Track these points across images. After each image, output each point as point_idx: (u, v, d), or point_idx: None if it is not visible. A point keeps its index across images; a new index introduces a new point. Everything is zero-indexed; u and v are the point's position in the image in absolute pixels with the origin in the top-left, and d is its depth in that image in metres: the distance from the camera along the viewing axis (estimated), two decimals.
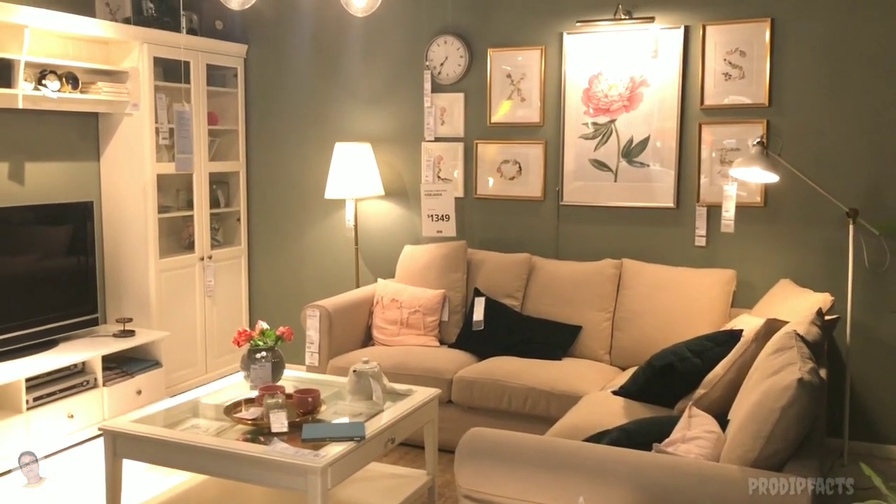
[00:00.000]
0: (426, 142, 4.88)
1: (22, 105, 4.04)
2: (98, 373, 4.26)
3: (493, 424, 3.86)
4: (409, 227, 5.00)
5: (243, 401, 3.20)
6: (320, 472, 2.59)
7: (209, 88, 5.08)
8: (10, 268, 4.19)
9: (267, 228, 5.45)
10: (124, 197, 4.76)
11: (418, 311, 4.44)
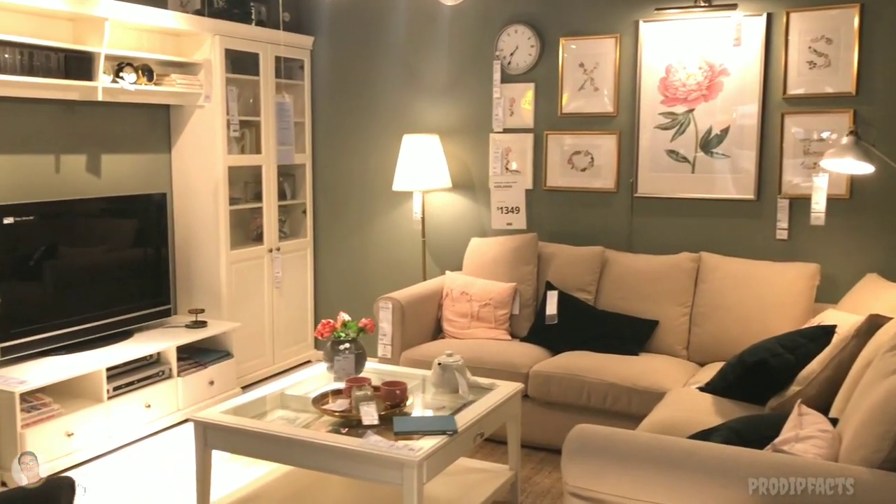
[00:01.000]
0: (494, 133, 4.82)
1: (101, 97, 4.08)
2: (173, 363, 4.30)
3: (570, 420, 3.80)
4: (476, 219, 4.96)
5: (330, 392, 3.19)
6: (416, 466, 2.57)
7: (276, 81, 5.09)
8: (87, 259, 4.24)
9: (332, 221, 5.45)
10: (195, 189, 4.79)
11: (489, 304, 4.40)
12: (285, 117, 3.24)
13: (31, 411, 3.63)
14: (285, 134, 3.18)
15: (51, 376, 3.68)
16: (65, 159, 4.22)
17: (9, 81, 3.69)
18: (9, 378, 3.60)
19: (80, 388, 3.90)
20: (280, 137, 3.16)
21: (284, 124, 3.21)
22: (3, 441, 3.54)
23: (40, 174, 4.10)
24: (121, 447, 3.98)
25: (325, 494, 3.16)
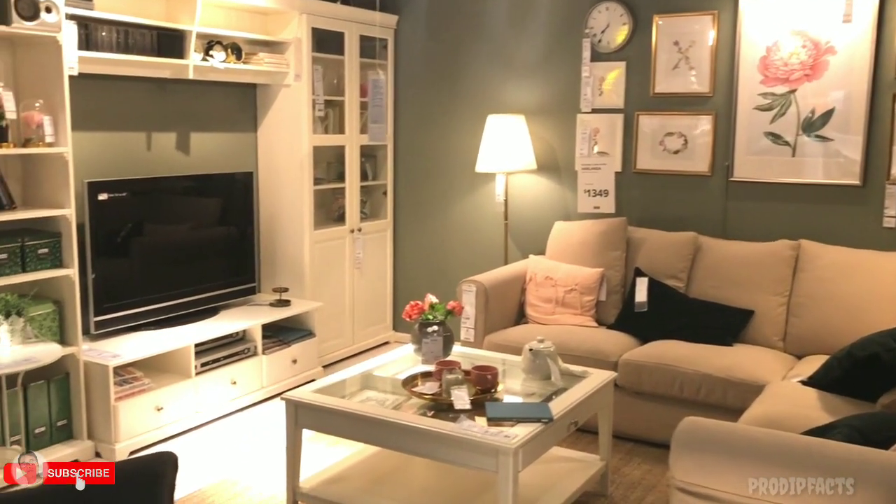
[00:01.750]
0: (582, 113, 4.69)
1: (192, 75, 4.10)
2: (258, 341, 4.33)
3: (662, 411, 3.71)
4: (561, 202, 4.84)
5: (419, 374, 3.15)
6: (512, 453, 2.50)
7: (360, 60, 5.05)
8: (176, 236, 4.29)
9: (412, 202, 5.41)
10: (280, 168, 4.80)
11: (575, 289, 4.29)
12: (379, 94, 3.19)
13: (123, 385, 3.70)
14: (378, 112, 3.12)
15: (142, 351, 3.74)
16: (156, 137, 4.27)
17: (107, 59, 3.73)
18: (102, 352, 3.67)
19: (168, 363, 3.96)
20: (373, 115, 3.10)
21: (378, 101, 3.15)
22: (98, 413, 3.61)
23: (133, 151, 4.16)
24: (208, 423, 4.03)
25: (411, 477, 3.13)
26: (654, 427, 3.73)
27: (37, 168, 3.55)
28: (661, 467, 3.55)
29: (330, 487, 3.00)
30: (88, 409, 3.62)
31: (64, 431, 3.61)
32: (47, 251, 3.48)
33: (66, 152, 3.46)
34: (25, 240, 3.39)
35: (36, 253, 3.43)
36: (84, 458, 3.58)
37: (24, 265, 3.39)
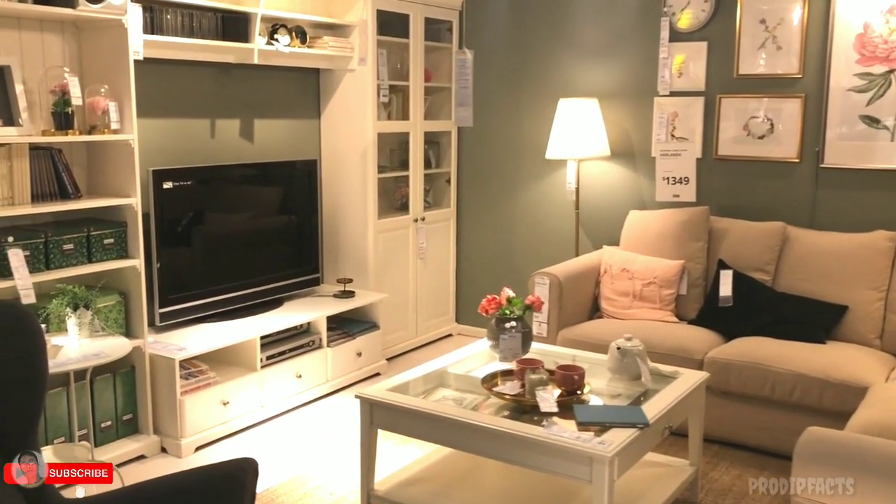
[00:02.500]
0: (659, 97, 4.45)
1: (257, 60, 3.98)
2: (323, 333, 4.21)
3: (751, 412, 3.49)
4: (635, 190, 4.61)
5: (499, 373, 2.98)
6: (608, 462, 2.32)
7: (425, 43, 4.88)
8: (240, 226, 4.19)
9: (477, 190, 5.23)
10: (344, 156, 4.67)
11: (653, 282, 4.07)
12: (465, 76, 3.01)
13: (189, 378, 3.61)
14: (465, 94, 2.95)
15: (208, 344, 3.64)
16: (219, 124, 4.17)
17: (171, 43, 3.63)
18: (168, 344, 3.59)
19: (233, 356, 3.86)
20: (459, 98, 2.92)
21: (464, 83, 2.98)
22: (164, 408, 3.53)
23: (196, 139, 4.06)
24: (273, 417, 3.93)
25: (488, 480, 2.97)
26: (743, 429, 3.51)
27: (101, 155, 3.47)
28: (751, 472, 3.33)
29: (405, 490, 2.85)
30: (154, 404, 3.54)
31: (130, 426, 3.53)
32: (113, 241, 3.39)
33: (132, 139, 3.36)
34: (91, 229, 3.31)
35: (102, 243, 3.35)
36: (150, 453, 3.50)
37: (89, 256, 3.31)
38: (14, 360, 1.91)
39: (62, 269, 3.20)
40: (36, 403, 1.94)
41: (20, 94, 3.16)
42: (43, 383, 1.95)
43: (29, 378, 1.93)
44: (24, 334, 1.91)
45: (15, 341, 1.91)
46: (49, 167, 3.25)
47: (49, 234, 3.16)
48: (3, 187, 3.09)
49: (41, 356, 1.94)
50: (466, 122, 3.47)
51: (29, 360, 1.92)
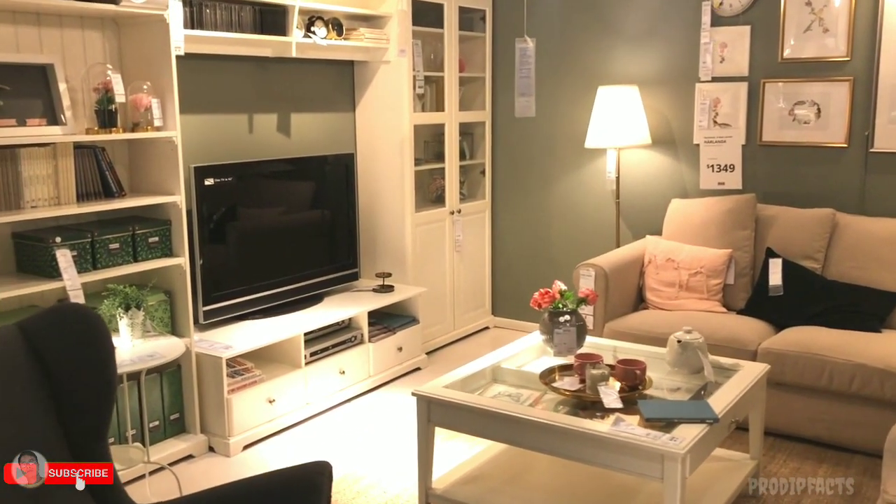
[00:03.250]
0: (701, 83, 4.37)
1: (295, 53, 3.93)
2: (364, 328, 4.17)
3: (807, 403, 3.42)
4: (677, 178, 4.53)
5: (557, 368, 2.93)
6: (680, 459, 2.26)
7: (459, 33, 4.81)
8: (279, 221, 4.15)
9: (512, 181, 5.16)
10: (379, 148, 4.61)
11: (700, 272, 4.00)
12: (526, 64, 2.95)
13: (235, 377, 3.58)
14: (526, 84, 2.89)
15: (253, 341, 3.61)
16: (257, 119, 4.12)
17: (212, 37, 3.58)
18: (213, 343, 3.55)
19: (277, 353, 3.83)
20: (520, 87, 2.87)
21: (525, 72, 2.91)
22: (210, 407, 3.50)
23: (235, 134, 4.02)
24: (318, 414, 3.89)
25: (546, 476, 2.92)
26: (799, 421, 3.44)
27: (143, 153, 3.43)
28: (810, 465, 3.27)
29: (463, 488, 2.81)
30: (201, 402, 3.51)
31: (177, 425, 3.51)
32: (157, 239, 3.36)
33: (175, 136, 3.32)
34: (136, 228, 3.28)
35: (147, 241, 3.31)
36: (198, 452, 3.48)
37: (135, 255, 3.28)
38: (84, 366, 1.87)
39: (108, 268, 3.17)
40: (106, 410, 1.91)
41: (63, 92, 3.12)
42: (112, 389, 1.92)
43: (99, 384, 1.89)
44: (94, 339, 1.88)
45: (84, 346, 1.87)
46: (93, 166, 3.22)
47: (95, 234, 3.13)
48: (49, 187, 3.06)
49: (110, 361, 1.90)
50: (528, 113, 3.40)
51: (99, 366, 1.89)
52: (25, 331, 1.87)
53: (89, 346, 1.87)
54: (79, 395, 1.87)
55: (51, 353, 1.86)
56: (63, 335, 1.87)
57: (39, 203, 3.02)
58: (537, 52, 4.85)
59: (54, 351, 1.86)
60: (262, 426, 3.61)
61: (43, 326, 1.88)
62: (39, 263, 3.02)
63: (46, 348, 1.86)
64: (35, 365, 1.84)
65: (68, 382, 1.87)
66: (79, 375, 1.87)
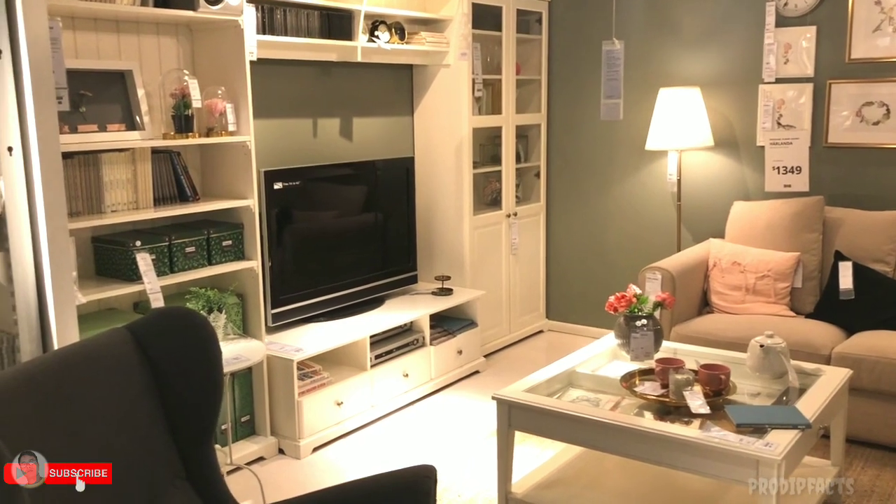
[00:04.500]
0: (764, 84, 4.32)
1: (360, 58, 3.95)
2: (426, 331, 4.18)
3: (885, 409, 3.36)
4: (739, 180, 4.49)
5: (637, 372, 2.91)
6: (777, 465, 2.23)
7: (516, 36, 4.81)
8: (342, 225, 4.17)
9: (567, 184, 5.14)
10: (438, 152, 4.62)
11: (767, 275, 3.95)
12: (614, 66, 2.94)
13: (304, 379, 3.59)
14: (613, 86, 2.88)
15: (322, 344, 3.62)
16: (321, 123, 4.15)
17: (282, 43, 3.61)
18: (284, 345, 3.58)
19: (343, 355, 3.85)
20: (607, 90, 2.85)
21: (613, 74, 2.90)
22: (280, 409, 3.52)
23: (300, 138, 4.05)
24: (382, 417, 3.90)
25: (626, 481, 2.90)
26: (876, 427, 3.39)
27: (216, 157, 3.47)
28: (890, 472, 3.21)
29: (544, 493, 2.80)
30: (271, 405, 3.54)
31: (247, 427, 3.54)
32: (231, 243, 3.39)
33: (249, 141, 3.35)
34: (210, 232, 3.31)
35: (220, 245, 3.35)
36: (268, 455, 3.50)
37: (209, 258, 3.31)
38: (193, 369, 1.89)
39: (185, 271, 3.21)
40: (213, 413, 1.92)
41: (141, 97, 3.17)
42: (220, 392, 1.93)
43: (207, 387, 1.91)
44: (203, 342, 1.90)
45: (194, 349, 1.89)
46: (168, 170, 3.26)
47: (173, 238, 3.17)
48: (128, 191, 3.10)
49: (218, 364, 1.92)
50: (614, 116, 3.38)
51: (208, 369, 1.90)
52: (136, 334, 1.89)
53: (198, 349, 1.89)
54: (187, 399, 1.89)
55: (161, 357, 1.88)
56: (173, 338, 1.89)
57: (119, 207, 3.07)
58: (595, 55, 4.83)
59: (164, 354, 1.88)
60: (330, 428, 3.63)
61: (153, 330, 1.90)
62: (119, 267, 3.06)
63: (156, 352, 1.88)
64: (145, 369, 1.86)
65: (177, 386, 1.88)
66: (188, 378, 1.89)
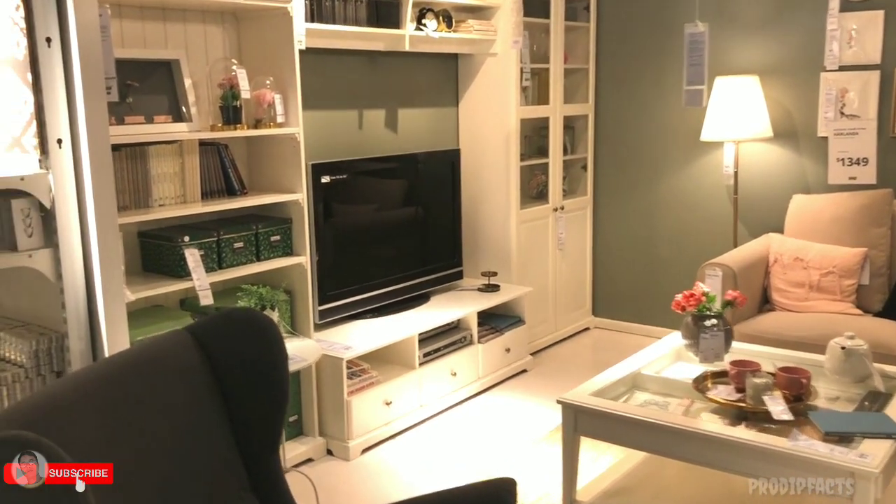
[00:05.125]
0: (827, 72, 4.13)
1: (408, 47, 3.82)
2: (473, 329, 4.05)
3: None
4: (798, 172, 4.31)
5: (709, 374, 2.77)
6: (874, 478, 2.08)
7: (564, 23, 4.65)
8: (388, 219, 4.05)
9: (615, 177, 4.98)
10: (484, 143, 4.49)
11: (832, 272, 3.78)
12: (698, 51, 2.78)
13: (353, 378, 3.49)
14: (696, 72, 2.73)
15: (371, 342, 3.51)
16: (367, 114, 4.03)
17: (331, 31, 3.49)
18: (332, 343, 3.47)
19: (390, 353, 3.73)
20: (690, 76, 2.71)
21: (696, 59, 2.75)
22: (331, 408, 3.42)
23: (346, 130, 3.93)
24: (431, 417, 3.79)
25: (695, 488, 2.76)
26: None
27: (263, 150, 3.36)
28: None
29: (610, 501, 2.67)
30: (319, 404, 3.43)
31: (295, 428, 3.44)
32: (279, 238, 3.28)
33: (298, 133, 3.24)
34: (259, 227, 3.20)
35: (269, 240, 3.24)
36: (317, 456, 3.40)
37: (258, 254, 3.21)
38: (259, 374, 1.78)
39: (233, 268, 3.11)
40: (279, 420, 1.82)
41: (188, 88, 3.06)
42: (287, 398, 1.82)
43: (274, 393, 1.80)
44: (270, 346, 1.79)
45: (259, 353, 1.78)
46: (216, 163, 3.17)
47: (221, 233, 3.07)
48: (176, 184, 3.00)
49: (284, 368, 1.81)
50: (696, 104, 3.22)
51: (274, 374, 1.79)
52: (198, 337, 1.79)
53: (265, 354, 1.78)
54: (253, 406, 1.78)
55: (225, 362, 1.77)
56: (238, 342, 1.78)
57: (167, 201, 2.97)
58: (643, 42, 4.67)
59: (228, 359, 1.77)
60: (379, 429, 3.52)
61: (216, 333, 1.79)
62: (167, 262, 2.97)
63: (220, 356, 1.77)
64: (209, 374, 1.76)
65: (242, 392, 1.78)
66: (254, 385, 1.78)
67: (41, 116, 2.35)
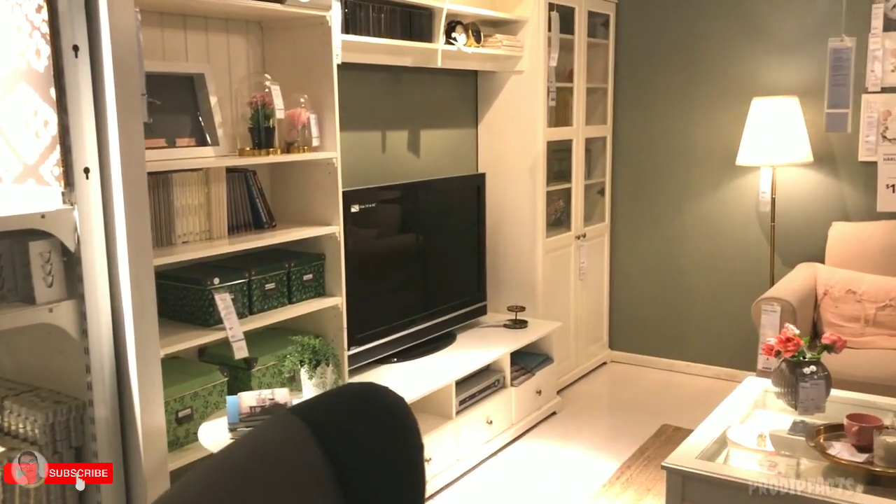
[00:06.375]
0: (868, 93, 3.95)
1: (440, 62, 3.48)
2: (507, 371, 3.71)
3: None
4: (837, 199, 4.11)
5: (822, 429, 2.48)
6: None
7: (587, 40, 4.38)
8: (414, 252, 3.68)
9: (635, 202, 4.72)
10: (507, 167, 4.17)
11: (890, 305, 3.57)
12: (843, 70, 2.51)
13: None
14: (840, 93, 2.45)
15: (408, 392, 3.10)
16: (390, 136, 3.67)
17: (367, 44, 3.12)
18: None
19: (423, 402, 3.34)
20: (833, 97, 2.43)
21: (841, 80, 2.48)
22: None
23: (370, 153, 3.56)
24: (468, 471, 3.42)
25: None
26: None
27: (291, 177, 2.97)
28: None
29: None
30: None
31: None
32: (311, 277, 2.89)
33: (335, 158, 2.86)
34: (291, 265, 2.81)
35: (301, 280, 2.85)
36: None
37: (290, 295, 2.81)
38: (390, 470, 1.41)
39: (264, 312, 2.72)
40: None
41: (214, 106, 2.66)
42: (423, 497, 1.45)
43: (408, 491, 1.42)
44: (403, 437, 1.42)
45: (393, 449, 1.40)
46: (243, 192, 2.77)
47: (252, 273, 2.66)
48: (200, 218, 2.59)
49: (421, 463, 1.44)
50: (840, 129, 2.94)
51: (408, 470, 1.42)
52: (312, 425, 1.40)
53: (398, 447, 1.41)
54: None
55: (348, 455, 1.39)
56: (365, 430, 1.40)
57: (191, 237, 2.56)
58: (668, 62, 4.44)
59: (355, 455, 1.39)
60: None
61: (336, 420, 1.41)
62: (192, 309, 2.55)
63: (344, 451, 1.39)
64: (331, 475, 1.37)
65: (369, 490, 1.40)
66: (384, 481, 1.40)
67: (66, 141, 1.94)
